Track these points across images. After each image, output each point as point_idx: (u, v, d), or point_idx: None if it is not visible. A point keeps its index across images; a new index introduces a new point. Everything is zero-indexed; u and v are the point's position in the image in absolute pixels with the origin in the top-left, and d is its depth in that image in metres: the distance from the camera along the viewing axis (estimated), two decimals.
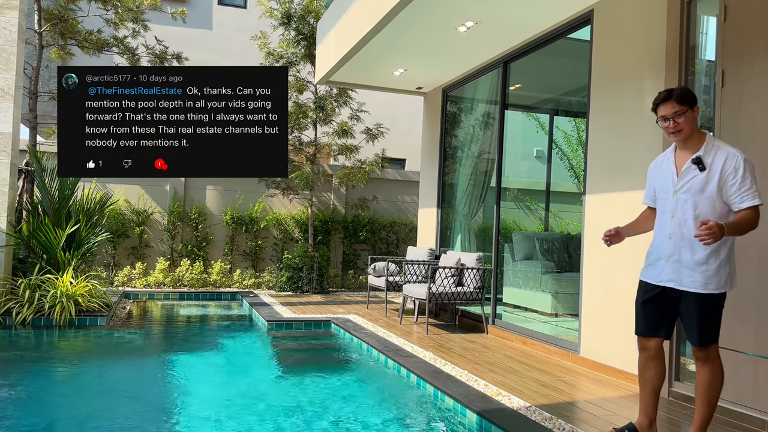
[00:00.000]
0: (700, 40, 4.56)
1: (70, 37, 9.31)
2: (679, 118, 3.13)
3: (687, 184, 3.14)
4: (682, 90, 3.18)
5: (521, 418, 3.75)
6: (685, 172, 3.16)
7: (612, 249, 4.98)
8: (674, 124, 3.15)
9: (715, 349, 3.14)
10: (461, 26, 6.12)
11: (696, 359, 3.19)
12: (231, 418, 3.87)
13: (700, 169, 3.10)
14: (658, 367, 3.35)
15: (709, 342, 3.12)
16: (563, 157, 8.91)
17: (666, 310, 3.27)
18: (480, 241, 8.04)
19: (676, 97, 3.14)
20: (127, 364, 5.53)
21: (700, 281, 3.09)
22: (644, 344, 3.36)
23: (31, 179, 8.31)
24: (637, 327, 3.39)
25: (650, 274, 3.31)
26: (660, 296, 3.26)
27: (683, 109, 3.12)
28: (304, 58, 10.28)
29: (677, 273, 3.16)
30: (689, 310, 3.14)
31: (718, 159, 3.08)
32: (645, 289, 3.34)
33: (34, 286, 6.85)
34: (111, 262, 10.13)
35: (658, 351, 3.33)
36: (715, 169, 3.07)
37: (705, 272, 3.08)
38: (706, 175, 3.09)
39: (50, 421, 3.77)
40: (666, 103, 3.17)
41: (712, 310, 3.12)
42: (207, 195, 10.83)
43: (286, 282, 10.23)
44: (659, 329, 3.31)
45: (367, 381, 5.15)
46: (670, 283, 3.19)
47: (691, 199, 3.12)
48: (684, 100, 3.13)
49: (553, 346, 5.80)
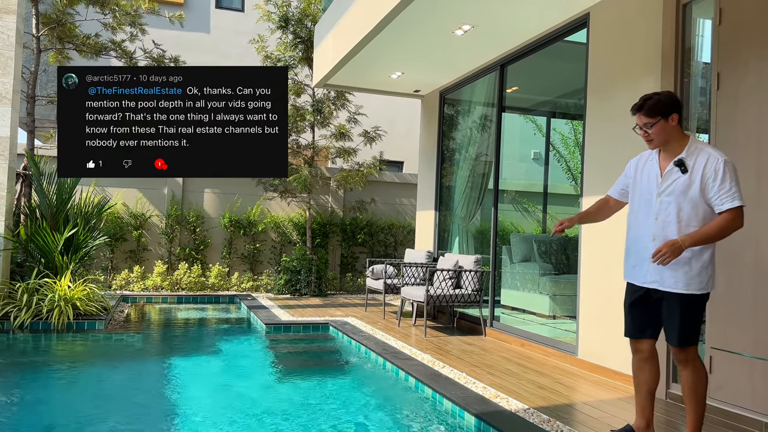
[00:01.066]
0: (696, 43, 4.59)
1: (68, 41, 9.32)
2: (648, 128, 3.20)
3: (670, 186, 3.17)
4: (656, 101, 3.18)
5: (519, 421, 3.76)
6: (668, 174, 3.20)
7: (609, 251, 5.00)
8: (645, 134, 3.24)
9: (694, 351, 3.17)
10: (458, 29, 6.14)
11: (677, 361, 3.23)
12: (230, 422, 3.88)
13: (682, 171, 3.13)
14: (653, 368, 3.37)
15: (689, 343, 3.14)
16: (560, 160, 8.92)
17: (651, 311, 3.31)
18: (478, 244, 8.05)
19: (645, 110, 3.19)
20: (126, 367, 5.53)
21: (683, 281, 3.12)
22: (636, 346, 3.40)
23: (29, 183, 8.30)
24: (626, 329, 3.44)
25: (635, 276, 3.35)
26: (645, 297, 3.30)
27: (652, 121, 3.18)
28: (302, 61, 10.30)
29: (660, 274, 3.19)
30: (671, 310, 3.17)
31: (699, 161, 3.11)
32: (631, 290, 3.39)
33: (32, 290, 6.85)
34: (109, 266, 10.13)
35: (651, 352, 3.36)
36: (697, 172, 3.10)
37: (687, 273, 3.11)
38: (689, 178, 3.11)
39: (48, 426, 3.77)
40: (637, 114, 3.25)
41: (694, 311, 3.15)
42: (205, 198, 10.83)
43: (284, 285, 10.23)
44: (645, 330, 3.35)
45: (365, 384, 5.15)
46: (654, 284, 3.23)
47: (675, 201, 3.15)
48: (653, 113, 3.17)
49: (551, 348, 5.81)
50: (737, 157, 3.90)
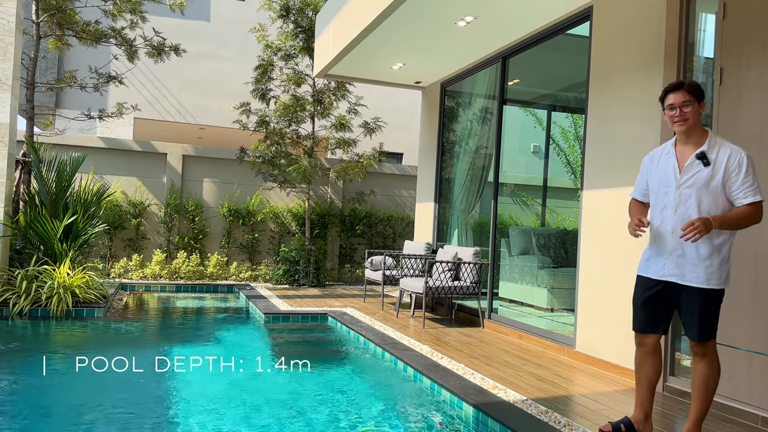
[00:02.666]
0: (698, 38, 4.58)
1: (68, 27, 9.26)
2: (686, 107, 3.17)
3: (692, 178, 3.16)
4: (693, 82, 3.24)
5: (517, 411, 3.78)
6: (689, 167, 3.18)
7: (607, 245, 5.01)
8: (680, 113, 3.18)
9: (712, 345, 3.17)
10: (461, 21, 6.13)
11: (694, 354, 3.22)
12: (229, 409, 3.89)
13: (704, 164, 3.13)
14: (655, 362, 3.38)
15: (709, 337, 3.15)
16: (560, 153, 8.92)
17: (666, 305, 3.30)
18: (476, 236, 8.06)
19: (687, 87, 3.19)
20: (124, 355, 5.54)
21: (704, 276, 3.12)
22: (642, 340, 3.39)
23: (28, 170, 8.29)
24: (635, 323, 3.41)
25: (651, 269, 3.32)
26: (661, 292, 3.28)
27: (692, 99, 3.17)
28: (303, 50, 10.26)
29: (680, 268, 3.18)
30: (691, 305, 3.16)
31: (722, 154, 3.12)
32: (646, 285, 3.35)
33: (31, 276, 6.85)
34: (107, 254, 10.12)
35: (655, 346, 3.36)
36: (720, 165, 3.11)
37: (708, 268, 3.11)
38: (711, 170, 3.11)
39: (47, 412, 3.78)
40: (677, 92, 3.21)
41: (713, 306, 3.15)
42: (204, 187, 10.82)
43: (282, 275, 10.24)
44: (659, 325, 3.33)
45: (364, 374, 5.17)
46: (672, 278, 3.21)
47: (695, 194, 3.14)
48: (694, 92, 3.18)
49: (549, 340, 5.84)
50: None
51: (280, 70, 10.52)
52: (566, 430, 3.49)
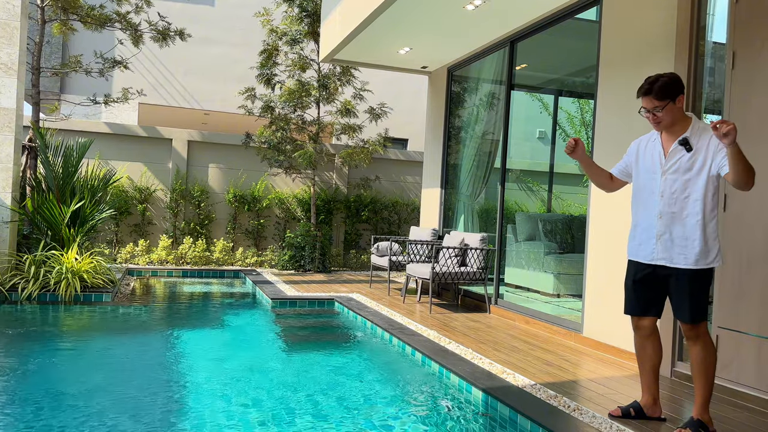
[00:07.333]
0: (709, 22, 4.54)
1: (72, 11, 9.21)
2: (658, 111, 3.20)
3: (675, 164, 3.21)
4: (663, 84, 3.17)
5: (527, 396, 3.80)
6: (673, 153, 3.23)
7: (616, 230, 5.00)
8: (654, 117, 3.24)
9: (704, 326, 3.21)
10: (469, 4, 6.08)
11: (687, 338, 3.26)
12: (238, 393, 3.92)
13: (687, 149, 3.17)
14: (655, 345, 3.43)
15: (700, 319, 3.18)
16: (566, 139, 8.88)
17: (656, 288, 3.35)
18: (482, 222, 8.05)
19: (655, 94, 3.17)
20: (134, 339, 5.58)
21: (692, 258, 3.15)
22: (637, 323, 3.45)
23: (34, 155, 8.29)
24: (627, 307, 3.47)
25: (641, 254, 3.37)
26: (651, 275, 3.33)
27: (662, 104, 3.18)
28: (308, 35, 10.19)
29: (668, 251, 3.22)
30: (680, 287, 3.20)
31: (704, 138, 3.14)
32: (636, 268, 3.41)
33: (39, 261, 6.88)
34: (114, 239, 10.15)
35: (652, 329, 3.42)
36: (702, 146, 3.14)
37: (695, 248, 3.14)
38: (693, 155, 3.15)
39: (57, 393, 3.82)
40: (645, 98, 3.23)
41: (703, 287, 3.19)
42: (209, 173, 10.82)
43: (288, 261, 10.27)
44: (650, 308, 3.39)
45: (372, 358, 5.20)
46: (662, 261, 3.26)
47: (681, 178, 3.19)
48: (662, 96, 3.16)
49: (556, 325, 5.85)
50: (751, 137, 3.89)
51: (285, 54, 10.46)
52: (576, 414, 3.51)
